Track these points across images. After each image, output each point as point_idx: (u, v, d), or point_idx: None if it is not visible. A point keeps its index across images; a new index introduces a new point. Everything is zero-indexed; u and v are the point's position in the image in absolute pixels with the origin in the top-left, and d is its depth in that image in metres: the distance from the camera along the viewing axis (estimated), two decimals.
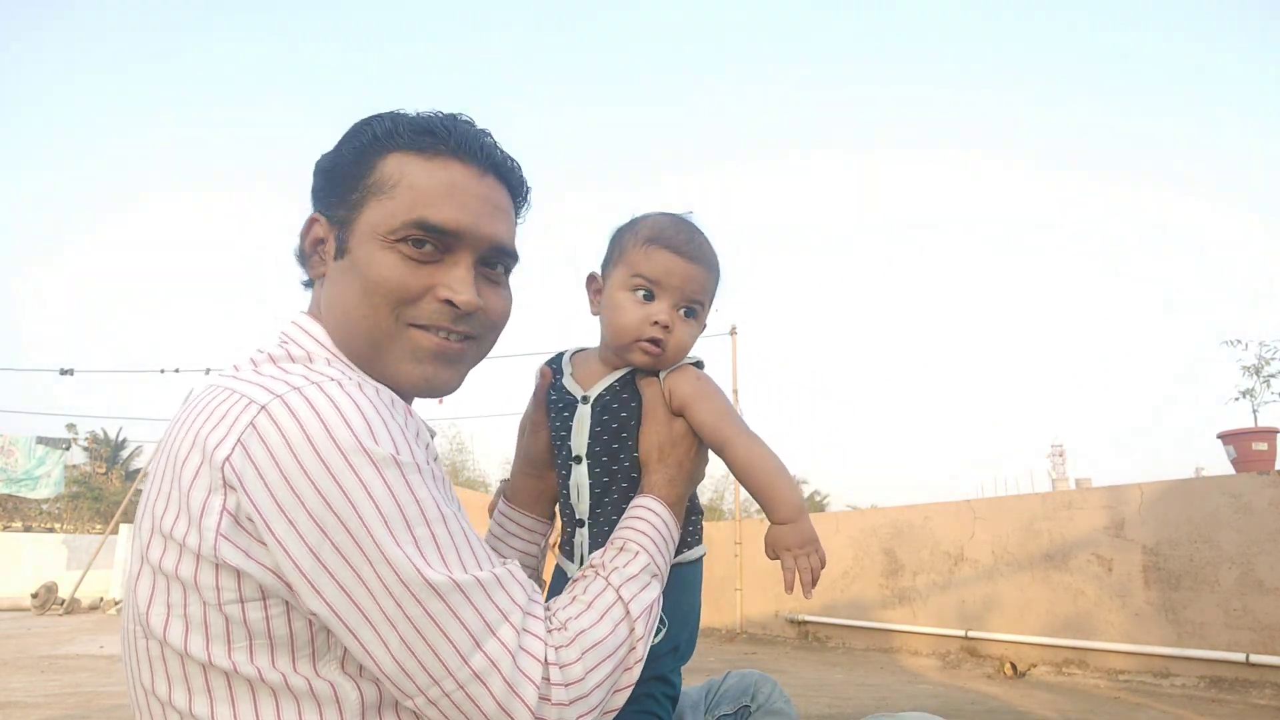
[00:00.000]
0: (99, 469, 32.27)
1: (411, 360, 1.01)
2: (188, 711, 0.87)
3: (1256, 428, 6.23)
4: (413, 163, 1.01)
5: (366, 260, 0.99)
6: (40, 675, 6.06)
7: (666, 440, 1.17)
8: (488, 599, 0.87)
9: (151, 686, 0.89)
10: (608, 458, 1.18)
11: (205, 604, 0.84)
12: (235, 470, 0.82)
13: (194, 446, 0.86)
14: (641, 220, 1.24)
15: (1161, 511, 5.74)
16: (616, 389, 1.20)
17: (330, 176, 1.05)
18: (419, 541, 0.84)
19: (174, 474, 0.87)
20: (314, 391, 0.86)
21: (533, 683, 0.86)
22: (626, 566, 1.04)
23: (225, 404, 0.88)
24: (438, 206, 1.00)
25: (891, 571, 7.89)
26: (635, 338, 1.17)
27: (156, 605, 0.87)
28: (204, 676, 0.86)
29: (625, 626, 0.98)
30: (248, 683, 0.86)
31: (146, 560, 0.88)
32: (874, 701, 5.00)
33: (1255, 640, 5.11)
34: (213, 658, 0.85)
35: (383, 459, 0.83)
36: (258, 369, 0.96)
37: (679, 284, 1.19)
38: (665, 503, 1.14)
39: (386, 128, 1.03)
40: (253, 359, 1.00)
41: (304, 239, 1.09)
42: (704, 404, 1.18)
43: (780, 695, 1.38)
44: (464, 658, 0.84)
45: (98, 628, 10.76)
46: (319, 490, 0.81)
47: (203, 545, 0.83)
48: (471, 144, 1.03)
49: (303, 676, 0.87)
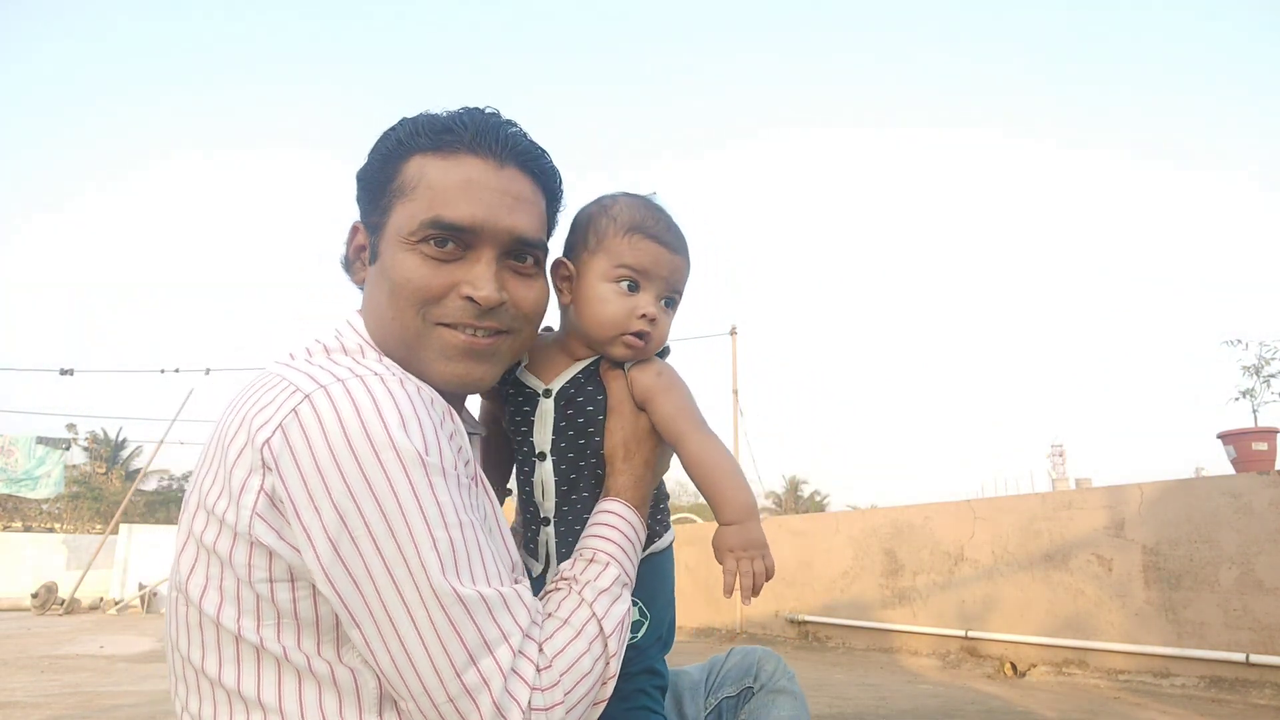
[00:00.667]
0: (99, 469, 32.26)
1: (442, 358, 1.03)
2: (218, 679, 0.91)
3: (1256, 428, 6.23)
4: (431, 163, 1.02)
5: (392, 262, 1.02)
6: (40, 675, 6.06)
7: (632, 437, 1.14)
8: (490, 618, 0.87)
9: (187, 652, 0.93)
10: (574, 454, 1.14)
11: (239, 579, 0.88)
12: (273, 453, 0.85)
13: (240, 427, 0.90)
14: (614, 204, 1.18)
15: (1161, 511, 5.74)
16: (581, 381, 1.16)
17: (364, 185, 1.08)
18: (437, 544, 0.85)
19: (221, 452, 0.91)
20: (356, 385, 0.88)
21: (519, 707, 0.86)
22: (598, 579, 1.02)
23: (274, 390, 0.91)
24: (453, 204, 1.00)
25: (891, 571, 7.89)
26: (621, 331, 1.14)
27: (196, 575, 0.91)
28: (235, 647, 0.89)
29: (600, 643, 0.97)
30: (274, 659, 0.89)
31: (191, 531, 0.92)
32: (874, 701, 5.00)
33: (1255, 640, 5.11)
34: (243, 630, 0.88)
35: (410, 457, 0.85)
36: (311, 358, 0.99)
37: (665, 275, 1.16)
38: (632, 505, 1.11)
39: (408, 131, 1.04)
40: (308, 348, 1.04)
41: (348, 246, 1.12)
42: (664, 398, 1.14)
43: (784, 672, 1.34)
44: (458, 671, 0.84)
45: (98, 628, 10.75)
46: (345, 480, 0.83)
47: (239, 522, 0.87)
48: (488, 137, 1.03)
49: (325, 661, 0.90)
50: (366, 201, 1.08)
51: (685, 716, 1.32)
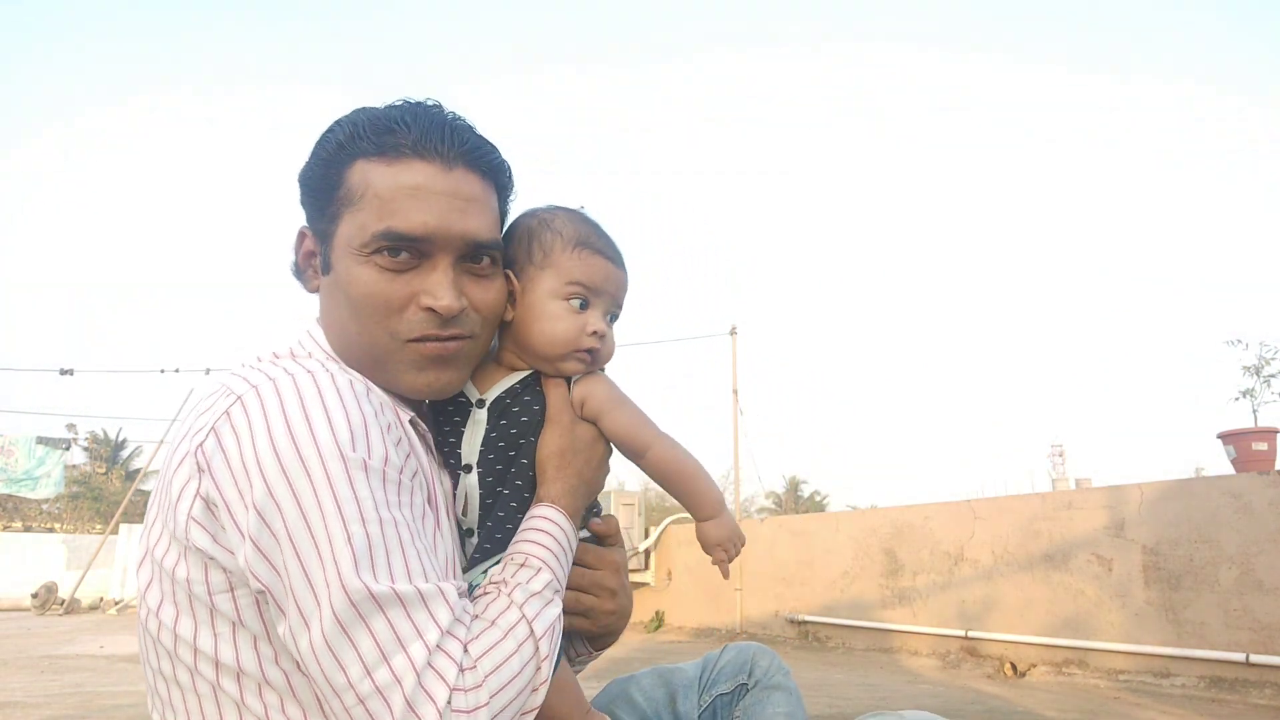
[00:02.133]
0: (99, 469, 32.26)
1: (413, 369, 1.02)
2: (191, 688, 0.91)
3: (1256, 428, 6.22)
4: (375, 169, 0.99)
5: (348, 277, 0.99)
6: (40, 675, 6.06)
7: (569, 447, 1.11)
8: (404, 614, 0.84)
9: (157, 665, 0.94)
10: (502, 465, 1.10)
11: (190, 594, 0.89)
12: (206, 456, 0.86)
13: (184, 436, 0.91)
14: (554, 219, 1.17)
15: (1161, 511, 5.74)
16: (518, 391, 1.13)
17: (308, 190, 1.05)
18: (351, 539, 0.83)
19: (168, 463, 0.93)
20: (286, 382, 0.88)
21: (435, 706, 0.82)
22: (529, 583, 0.98)
23: (215, 396, 0.92)
24: (404, 214, 0.97)
25: (891, 571, 7.89)
26: (572, 348, 1.12)
27: (153, 589, 0.92)
28: (193, 658, 0.90)
29: (530, 646, 0.93)
30: (233, 671, 0.89)
31: (147, 545, 0.93)
32: (874, 701, 5.00)
33: (1255, 640, 5.11)
34: (199, 641, 0.89)
35: (330, 452, 0.84)
36: (258, 362, 0.99)
37: (613, 291, 1.17)
38: (565, 513, 1.07)
39: (349, 133, 1.01)
40: (275, 353, 1.04)
41: (297, 252, 1.09)
42: (619, 412, 1.14)
43: (779, 668, 1.32)
44: (368, 669, 0.81)
45: (98, 628, 10.75)
46: (265, 477, 0.83)
47: (177, 529, 0.88)
48: (433, 138, 1.00)
49: (281, 670, 0.90)
50: (312, 207, 1.04)
51: (679, 713, 1.31)
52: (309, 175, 1.04)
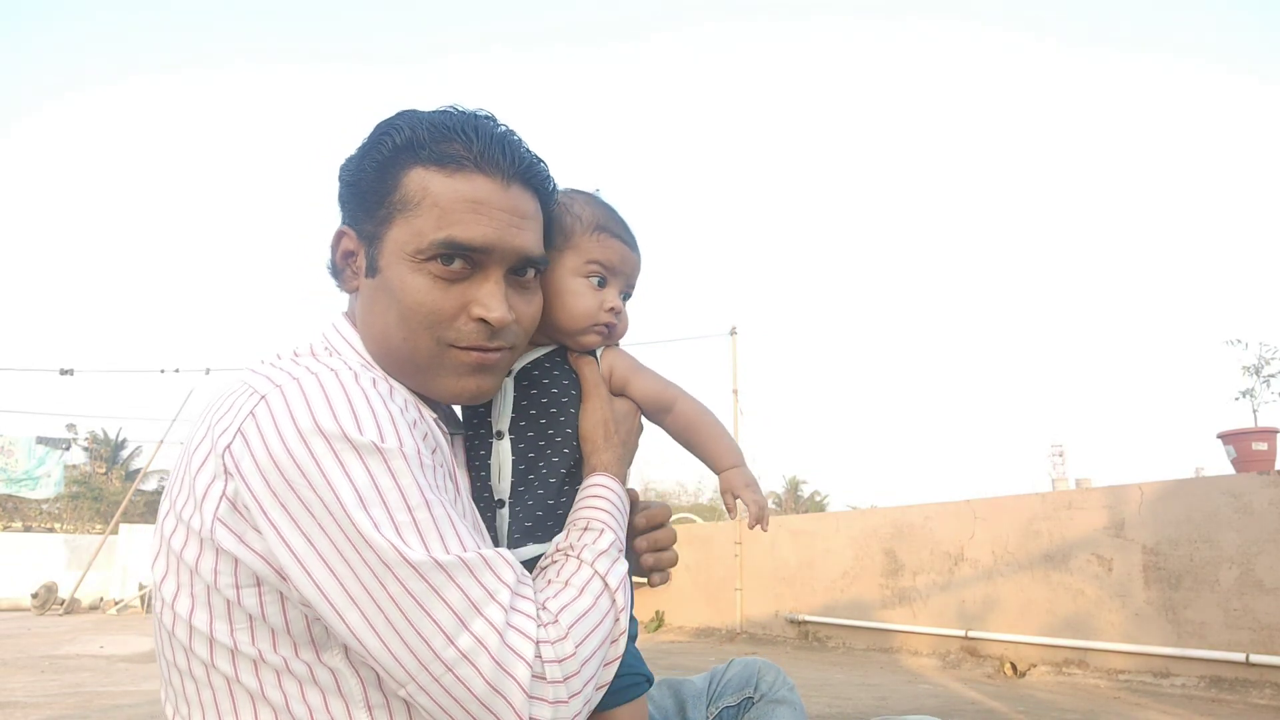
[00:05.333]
0: (99, 469, 32.27)
1: (454, 375, 1.03)
2: (205, 682, 0.91)
3: (1256, 428, 6.22)
4: (436, 178, 1.00)
5: (400, 283, 1.00)
6: (40, 675, 6.06)
7: (611, 420, 1.17)
8: (473, 578, 0.86)
9: (172, 657, 0.94)
10: (533, 432, 1.15)
11: (207, 585, 0.89)
12: (234, 458, 0.86)
13: (205, 436, 0.91)
14: (574, 204, 1.23)
15: (1161, 511, 5.74)
16: (544, 364, 1.20)
17: (355, 189, 1.04)
18: (399, 526, 0.84)
19: (187, 460, 0.92)
20: (310, 380, 0.89)
21: (524, 660, 0.85)
22: (596, 543, 1.03)
23: (237, 395, 0.92)
24: (465, 224, 0.99)
25: (891, 571, 7.89)
26: (592, 322, 1.20)
27: (169, 581, 0.92)
28: (210, 652, 0.90)
29: (606, 599, 0.97)
30: (252, 662, 0.89)
31: (163, 539, 0.93)
32: (874, 701, 5.00)
33: (1255, 640, 5.11)
34: (216, 634, 0.89)
35: (365, 446, 0.85)
36: (279, 360, 1.00)
37: (629, 271, 1.25)
38: (617, 479, 1.13)
39: (406, 138, 1.01)
40: (279, 353, 1.04)
41: (334, 251, 1.09)
42: (642, 375, 1.24)
43: (784, 683, 1.36)
44: (450, 638, 0.83)
45: (98, 628, 10.75)
46: (305, 476, 0.84)
47: (203, 528, 0.88)
48: (494, 154, 1.01)
49: (304, 662, 0.90)
50: (358, 208, 1.04)
51: None
52: (358, 175, 1.04)
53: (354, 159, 1.05)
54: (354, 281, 1.07)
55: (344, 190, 1.06)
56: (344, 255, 1.08)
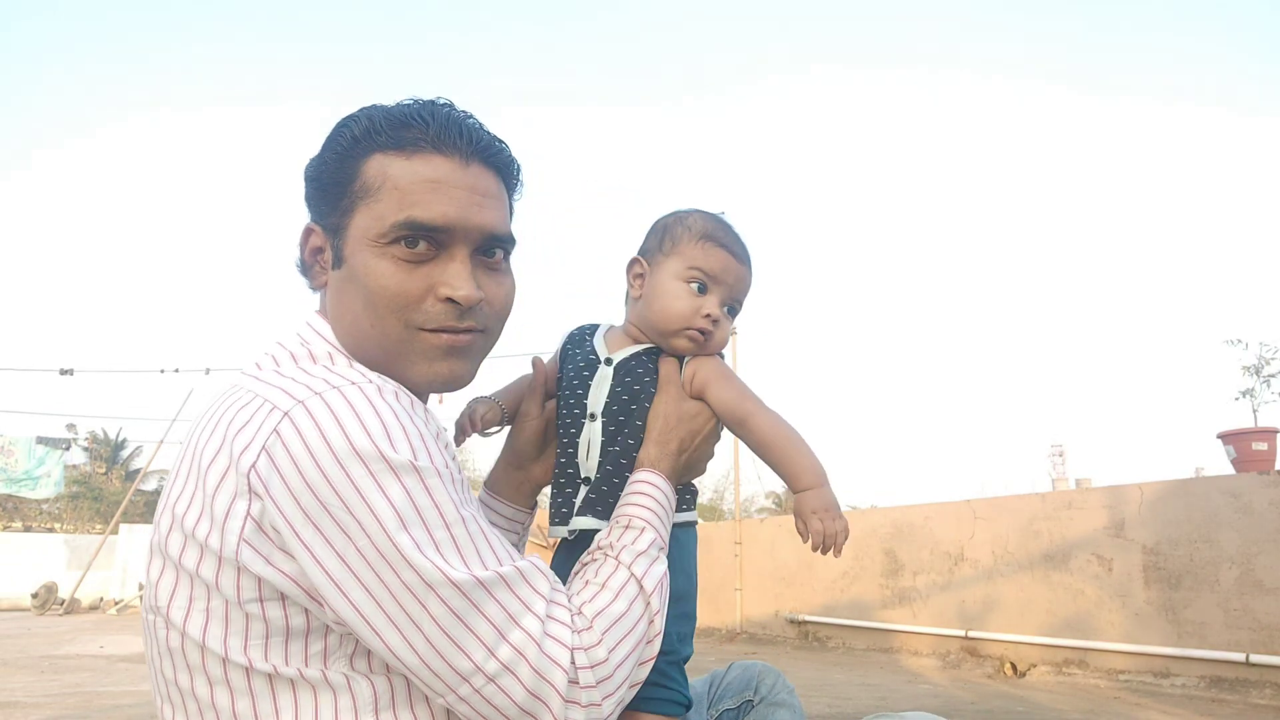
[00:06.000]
0: (99, 469, 32.27)
1: (425, 360, 1.02)
2: (209, 703, 0.89)
3: (1256, 428, 6.22)
4: (394, 162, 0.99)
5: (364, 269, 0.99)
6: (40, 675, 6.06)
7: (673, 414, 1.20)
8: (510, 592, 0.88)
9: (174, 678, 0.91)
10: (624, 417, 1.22)
11: (227, 600, 0.87)
12: (261, 477, 0.84)
13: (220, 449, 0.88)
14: (690, 215, 1.29)
15: (1161, 511, 5.74)
16: (642, 358, 1.26)
17: (318, 184, 1.04)
18: (439, 545, 0.85)
19: (199, 475, 0.89)
20: (335, 397, 0.87)
21: (560, 667, 0.88)
22: (635, 543, 1.06)
23: (250, 407, 0.90)
24: (425, 204, 0.98)
25: (891, 571, 7.89)
26: (685, 325, 1.23)
27: (178, 599, 0.89)
28: (223, 669, 0.88)
29: (641, 602, 1.00)
30: (266, 677, 0.88)
31: (167, 556, 0.90)
32: (874, 701, 5.00)
33: (1255, 640, 5.11)
34: (230, 651, 0.87)
35: (402, 465, 0.85)
36: (279, 368, 0.97)
37: (732, 282, 1.27)
38: (664, 476, 1.15)
39: (364, 127, 1.01)
40: (274, 356, 1.01)
41: (303, 249, 1.08)
42: (725, 383, 1.24)
43: (784, 686, 1.37)
44: (490, 650, 0.85)
45: (98, 628, 10.76)
46: (341, 498, 0.83)
47: (224, 548, 0.85)
48: (451, 133, 1.01)
49: (316, 670, 0.89)
50: (321, 202, 1.04)
51: None
52: (320, 169, 1.03)
53: (315, 156, 1.05)
54: (322, 276, 1.06)
55: (308, 188, 1.06)
56: (312, 252, 1.07)
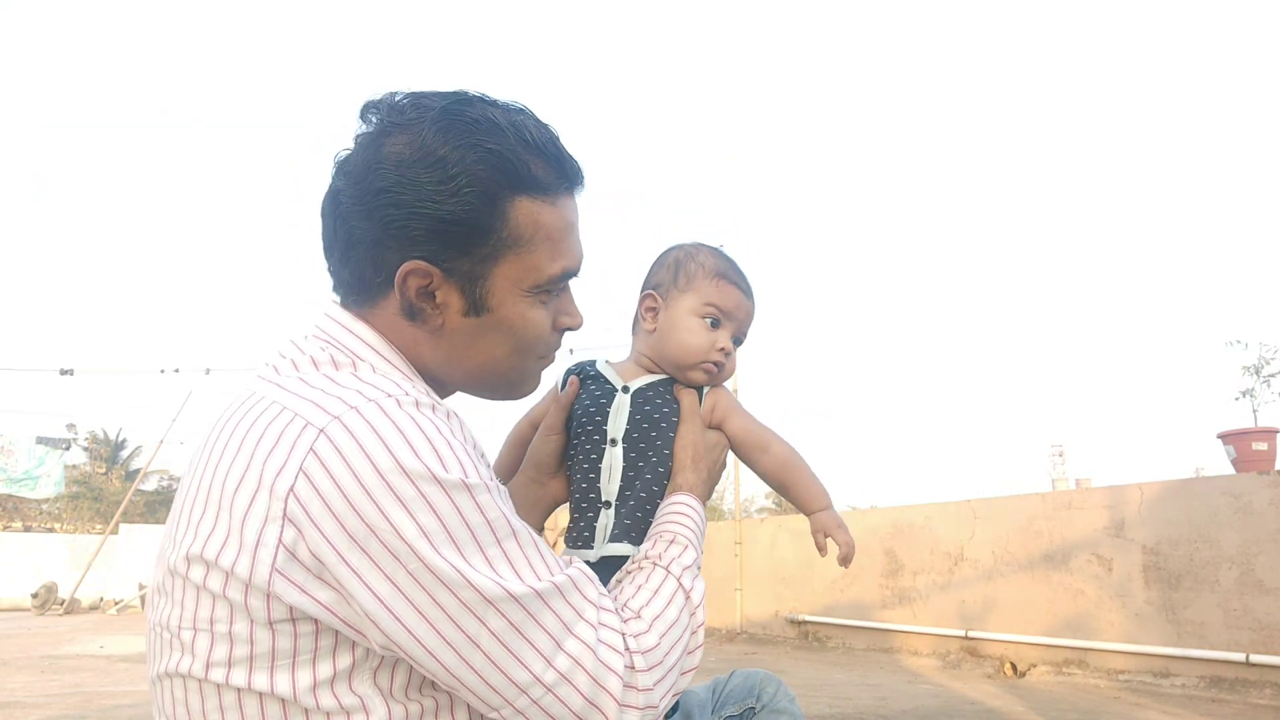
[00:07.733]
0: (99, 469, 32.25)
1: (532, 384, 1.09)
2: None
3: (1256, 428, 6.23)
4: (543, 210, 0.97)
5: (521, 319, 0.99)
6: (40, 675, 6.06)
7: (701, 445, 1.27)
8: (564, 600, 0.88)
9: (185, 699, 0.87)
10: (644, 443, 1.27)
11: (251, 621, 0.82)
12: (300, 503, 0.79)
13: (248, 469, 0.82)
14: (701, 252, 1.36)
15: (1161, 511, 5.74)
16: (658, 387, 1.32)
17: (438, 221, 0.92)
18: (492, 561, 0.84)
19: (221, 494, 0.83)
20: (373, 411, 0.82)
21: (615, 673, 0.88)
22: (681, 556, 1.08)
23: (279, 423, 0.84)
24: (571, 253, 1.02)
25: (891, 571, 7.89)
26: (701, 359, 1.31)
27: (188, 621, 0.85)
28: (237, 695, 0.84)
29: (688, 612, 1.02)
30: (280, 701, 0.83)
31: (187, 580, 0.84)
32: (874, 701, 5.00)
33: (1255, 640, 5.11)
34: (253, 683, 0.83)
35: (453, 484, 0.82)
36: (301, 374, 0.91)
37: (742, 318, 1.35)
38: (701, 501, 1.20)
39: (504, 166, 0.93)
40: (293, 360, 0.94)
41: (405, 289, 0.95)
42: (739, 415, 1.34)
43: (785, 694, 1.39)
44: (548, 661, 0.85)
45: (98, 628, 10.76)
46: (390, 521, 0.79)
47: (255, 576, 0.80)
48: (576, 173, 1.02)
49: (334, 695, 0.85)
50: (447, 245, 0.93)
51: None
52: (451, 210, 0.92)
53: (431, 189, 0.91)
54: (437, 319, 0.97)
55: (419, 221, 0.92)
56: (420, 293, 0.96)
